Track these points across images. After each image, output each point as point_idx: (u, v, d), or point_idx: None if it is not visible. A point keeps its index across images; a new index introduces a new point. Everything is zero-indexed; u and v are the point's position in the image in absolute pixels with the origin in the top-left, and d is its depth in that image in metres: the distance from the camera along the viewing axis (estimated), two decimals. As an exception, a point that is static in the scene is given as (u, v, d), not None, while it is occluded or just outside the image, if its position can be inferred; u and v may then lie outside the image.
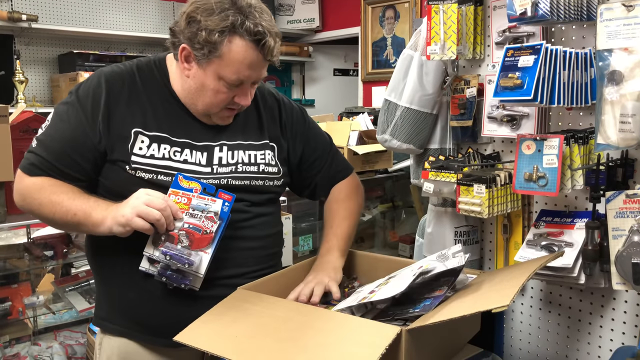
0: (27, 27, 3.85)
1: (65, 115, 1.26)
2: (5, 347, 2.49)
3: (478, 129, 1.53)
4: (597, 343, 1.38)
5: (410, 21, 4.68)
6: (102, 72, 1.30)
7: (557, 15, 1.21)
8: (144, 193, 1.18)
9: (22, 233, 2.65)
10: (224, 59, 1.19)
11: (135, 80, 1.29)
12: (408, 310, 1.10)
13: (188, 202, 1.22)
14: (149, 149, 1.25)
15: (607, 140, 1.14)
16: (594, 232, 1.25)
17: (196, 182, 1.23)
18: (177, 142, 1.28)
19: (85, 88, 1.27)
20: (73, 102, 1.26)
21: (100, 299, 1.39)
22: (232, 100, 1.26)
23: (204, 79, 1.23)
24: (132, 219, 1.14)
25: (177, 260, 1.18)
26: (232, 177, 1.31)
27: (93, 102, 1.25)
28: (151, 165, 1.25)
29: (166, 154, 1.26)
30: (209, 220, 1.21)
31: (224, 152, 1.31)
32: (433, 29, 1.47)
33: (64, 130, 1.25)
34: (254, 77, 1.25)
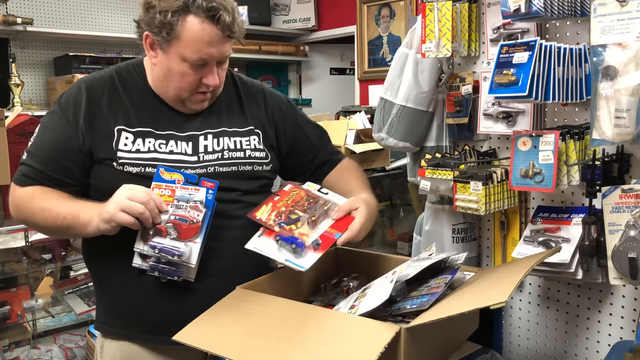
0: (23, 30, 3.84)
1: (50, 123, 1.29)
2: (4, 351, 2.49)
3: (474, 126, 1.53)
4: (595, 338, 1.39)
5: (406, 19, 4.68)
6: (82, 80, 1.33)
7: (551, 12, 1.21)
8: (127, 188, 1.18)
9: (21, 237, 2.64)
10: (182, 39, 1.20)
11: (115, 83, 1.32)
12: (405, 306, 1.10)
13: (172, 193, 1.22)
14: (134, 144, 1.27)
15: (603, 135, 1.14)
16: (591, 227, 1.25)
17: (178, 173, 1.24)
18: (161, 135, 1.29)
19: (67, 96, 1.30)
20: (56, 110, 1.30)
21: (99, 303, 1.39)
22: (200, 82, 1.27)
23: (169, 62, 1.24)
24: (115, 214, 1.15)
25: (167, 252, 1.19)
26: (218, 164, 1.32)
27: (74, 108, 1.27)
28: (137, 159, 1.26)
29: (151, 146, 1.27)
30: (194, 209, 1.21)
31: (209, 140, 1.32)
32: (428, 27, 1.47)
33: (50, 138, 1.28)
34: (217, 55, 1.24)
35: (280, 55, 5.30)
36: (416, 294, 1.15)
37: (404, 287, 1.16)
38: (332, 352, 0.97)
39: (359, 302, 1.18)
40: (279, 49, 5.26)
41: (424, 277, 1.20)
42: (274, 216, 1.29)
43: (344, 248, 1.47)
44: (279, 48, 5.26)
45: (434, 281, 1.18)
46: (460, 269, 1.23)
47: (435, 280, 1.18)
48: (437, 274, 1.20)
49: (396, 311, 1.11)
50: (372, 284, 1.25)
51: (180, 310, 1.22)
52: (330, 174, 1.52)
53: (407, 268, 1.19)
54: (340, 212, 1.29)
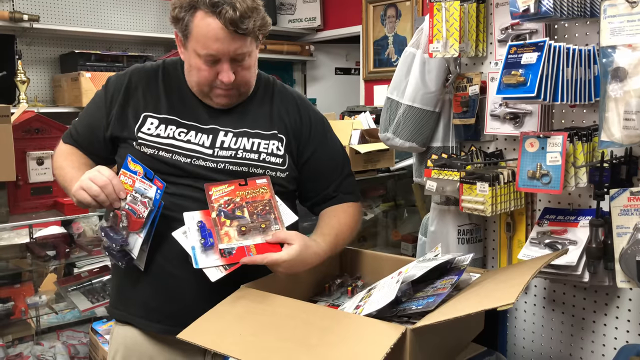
0: (29, 27, 3.85)
1: (94, 98, 1.45)
2: (8, 347, 2.49)
3: (481, 126, 1.52)
4: (601, 341, 1.38)
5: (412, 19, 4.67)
6: (133, 67, 1.44)
7: (561, 12, 1.21)
8: (95, 169, 1.25)
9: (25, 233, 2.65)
10: (194, 35, 1.25)
11: (158, 74, 1.40)
12: (411, 307, 1.10)
13: (133, 184, 1.27)
14: (156, 129, 1.35)
15: (611, 137, 1.13)
16: (598, 229, 1.24)
17: (140, 166, 1.27)
18: (184, 124, 1.35)
19: (115, 78, 1.42)
20: (103, 88, 1.43)
21: (113, 287, 1.49)
22: (216, 78, 1.29)
23: (189, 58, 1.31)
24: (77, 191, 1.23)
25: (108, 238, 1.24)
26: (230, 162, 1.33)
27: (114, 91, 1.39)
28: (154, 142, 1.33)
29: (171, 133, 1.34)
30: (143, 205, 1.25)
31: (228, 137, 1.35)
32: (435, 27, 1.47)
33: (88, 112, 1.45)
34: (225, 51, 1.24)
35: (285, 54, 5.29)
36: (422, 295, 1.14)
37: (409, 287, 1.16)
38: (338, 352, 0.96)
39: (364, 302, 1.18)
40: (284, 48, 5.25)
41: (429, 278, 1.19)
42: (223, 201, 1.26)
43: (348, 248, 1.47)
44: (284, 47, 5.26)
45: (439, 282, 1.17)
46: (467, 271, 1.23)
47: (441, 281, 1.17)
48: (443, 274, 1.20)
49: (402, 312, 1.11)
50: (377, 284, 1.24)
51: (186, 300, 1.28)
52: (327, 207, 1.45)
53: (412, 269, 1.18)
54: (273, 237, 1.22)
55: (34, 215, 2.28)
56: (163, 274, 1.31)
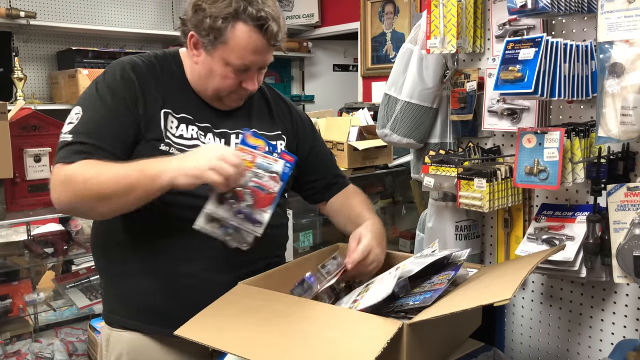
0: (26, 24, 3.84)
1: (100, 102, 1.24)
2: (6, 344, 2.49)
3: (478, 122, 1.52)
4: (598, 337, 1.38)
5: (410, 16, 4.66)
6: (124, 62, 1.31)
7: (558, 8, 1.21)
8: (215, 148, 1.16)
9: (22, 230, 2.65)
10: (228, 44, 1.22)
11: (156, 68, 1.32)
12: (408, 302, 1.10)
13: (253, 159, 1.19)
14: (177, 129, 1.28)
15: (608, 133, 1.13)
16: (595, 225, 1.25)
17: (262, 140, 1.22)
18: (200, 126, 1.32)
19: (112, 76, 1.27)
20: (103, 90, 1.26)
21: (109, 294, 1.38)
22: (239, 85, 1.29)
23: (212, 64, 1.27)
24: (205, 172, 1.10)
25: (248, 218, 1.14)
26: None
27: (126, 87, 1.25)
28: (181, 145, 1.27)
29: (194, 134, 1.30)
30: (272, 180, 1.19)
31: (239, 140, 1.34)
32: (433, 23, 1.47)
33: (104, 114, 1.23)
34: (259, 62, 1.28)
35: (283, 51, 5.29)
36: (419, 291, 1.15)
37: (406, 283, 1.16)
38: (335, 347, 0.97)
39: (362, 297, 1.18)
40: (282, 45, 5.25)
41: (426, 273, 1.19)
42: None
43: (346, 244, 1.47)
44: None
45: (436, 277, 1.17)
46: (464, 266, 1.23)
47: (438, 277, 1.17)
48: (440, 270, 1.20)
49: (398, 307, 1.11)
50: (375, 279, 1.25)
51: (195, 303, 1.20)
52: (336, 197, 1.55)
53: (410, 264, 1.18)
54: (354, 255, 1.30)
55: (32, 212, 2.28)
56: (173, 276, 1.28)
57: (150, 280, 1.29)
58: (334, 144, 2.99)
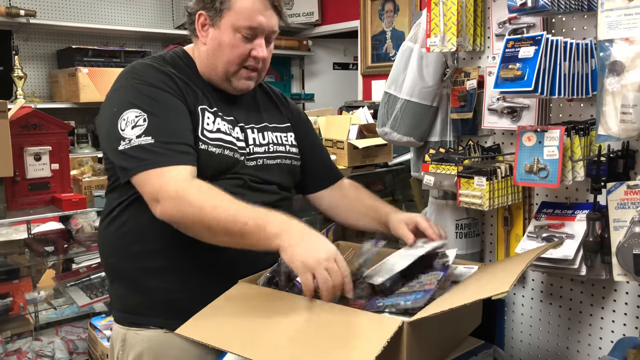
0: (26, 22, 3.84)
1: (152, 99, 1.21)
2: (7, 343, 2.50)
3: (478, 121, 1.52)
4: (598, 334, 1.38)
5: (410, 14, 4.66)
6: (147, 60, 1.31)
7: (558, 6, 1.21)
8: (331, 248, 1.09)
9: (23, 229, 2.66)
10: (234, 9, 1.27)
11: (179, 64, 1.34)
12: (398, 302, 1.10)
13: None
14: (214, 124, 1.29)
15: (608, 131, 1.13)
16: (595, 223, 1.25)
17: None
18: (228, 120, 1.34)
19: (149, 73, 1.26)
20: (148, 88, 1.23)
21: (128, 292, 1.34)
22: (248, 55, 1.31)
23: (220, 36, 1.29)
24: (319, 269, 1.06)
25: None
26: (266, 157, 1.38)
27: (170, 82, 1.26)
28: (220, 140, 1.28)
29: (227, 129, 1.32)
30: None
31: (255, 134, 1.38)
32: (433, 21, 1.47)
33: (173, 115, 1.21)
34: (266, 25, 1.30)
35: (283, 49, 5.28)
36: (407, 290, 1.15)
37: (398, 277, 1.17)
38: (336, 345, 0.97)
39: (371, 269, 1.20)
40: (282, 43, 5.24)
41: (413, 270, 1.20)
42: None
43: (349, 243, 1.47)
44: (282, 42, 5.25)
45: (425, 277, 1.18)
46: (464, 265, 1.23)
47: (427, 276, 1.18)
48: (427, 268, 1.20)
49: (390, 307, 1.11)
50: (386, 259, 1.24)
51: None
52: (332, 188, 1.57)
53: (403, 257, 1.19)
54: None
55: (32, 211, 2.28)
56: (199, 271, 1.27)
57: (177, 276, 1.28)
58: (333, 143, 2.99)
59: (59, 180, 2.35)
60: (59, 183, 2.35)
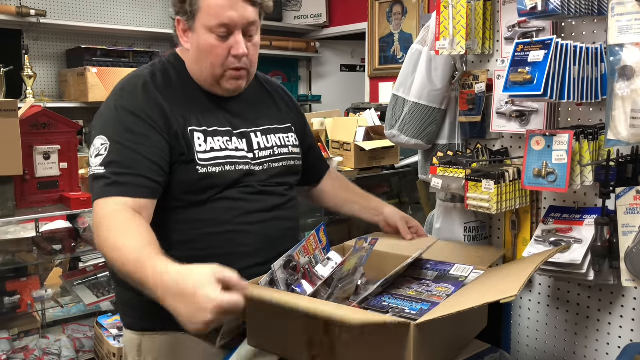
0: (36, 22, 3.86)
1: (125, 126, 1.20)
2: (14, 340, 2.51)
3: (487, 124, 1.52)
4: (605, 340, 1.38)
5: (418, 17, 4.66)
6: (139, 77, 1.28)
7: (568, 10, 1.20)
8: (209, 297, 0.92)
9: (31, 227, 2.67)
10: (203, 9, 1.22)
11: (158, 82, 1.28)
12: (404, 307, 1.10)
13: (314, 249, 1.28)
14: (206, 143, 1.26)
15: (618, 136, 1.13)
16: (604, 228, 1.24)
17: (326, 239, 1.32)
18: (223, 132, 1.31)
19: (132, 95, 1.23)
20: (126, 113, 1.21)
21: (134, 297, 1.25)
22: (229, 55, 1.25)
23: (198, 39, 1.25)
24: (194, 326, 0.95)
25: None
26: (272, 160, 1.38)
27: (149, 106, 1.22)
28: (216, 158, 1.26)
29: (222, 144, 1.29)
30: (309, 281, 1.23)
31: (259, 137, 1.37)
32: (442, 24, 1.47)
33: (140, 141, 1.18)
34: (238, 19, 1.23)
35: (290, 51, 5.29)
36: (415, 296, 1.15)
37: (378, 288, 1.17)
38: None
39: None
40: (289, 45, 5.26)
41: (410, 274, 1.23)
42: None
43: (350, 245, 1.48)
44: (289, 44, 5.26)
45: (435, 288, 1.18)
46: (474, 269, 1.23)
47: (437, 287, 1.19)
48: (441, 279, 1.21)
49: (394, 310, 1.11)
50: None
51: None
52: (325, 179, 1.63)
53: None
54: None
55: (40, 209, 2.30)
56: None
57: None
58: (340, 144, 2.99)
59: (68, 179, 2.37)
60: (68, 182, 2.37)
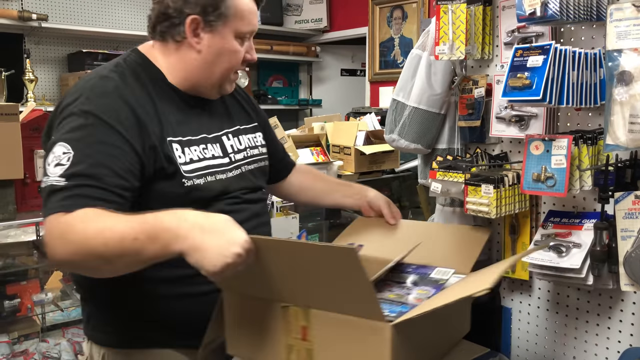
0: (37, 26, 3.88)
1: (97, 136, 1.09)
2: (14, 344, 2.51)
3: (486, 129, 1.53)
4: (604, 345, 1.38)
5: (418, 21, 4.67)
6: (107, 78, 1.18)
7: (567, 16, 1.21)
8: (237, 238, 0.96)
9: (32, 231, 2.67)
10: (237, 14, 1.21)
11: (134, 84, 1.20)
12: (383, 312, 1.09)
13: None
14: (185, 155, 1.19)
15: (616, 140, 1.13)
16: (603, 232, 1.25)
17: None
18: (197, 140, 1.23)
19: (100, 100, 1.13)
20: (93, 119, 1.10)
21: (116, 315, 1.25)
22: (244, 59, 1.27)
23: (222, 42, 1.21)
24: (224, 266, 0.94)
25: None
26: (246, 162, 1.35)
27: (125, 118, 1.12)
28: (198, 170, 1.19)
29: (199, 154, 1.22)
30: None
31: (231, 140, 1.32)
32: (442, 29, 1.47)
33: (104, 150, 1.07)
34: (256, 27, 1.28)
35: (291, 55, 5.31)
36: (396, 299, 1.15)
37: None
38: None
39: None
40: (290, 49, 5.27)
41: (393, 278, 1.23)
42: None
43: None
44: (290, 48, 5.28)
45: (416, 291, 1.19)
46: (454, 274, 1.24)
47: (417, 290, 1.19)
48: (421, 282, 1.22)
49: None
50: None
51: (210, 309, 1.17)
52: (292, 175, 1.62)
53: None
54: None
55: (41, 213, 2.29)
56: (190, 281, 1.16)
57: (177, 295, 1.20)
58: (341, 148, 3.00)
59: (68, 182, 2.37)
60: (68, 186, 2.37)
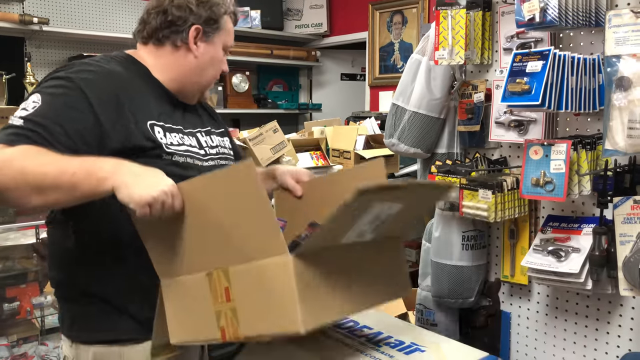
0: (38, 29, 3.88)
1: (66, 100, 1.15)
2: (13, 347, 2.51)
3: (485, 133, 1.53)
4: (603, 349, 1.38)
5: (418, 26, 4.68)
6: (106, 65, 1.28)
7: (566, 21, 1.22)
8: (164, 179, 1.06)
9: (31, 233, 2.67)
10: (226, 29, 1.38)
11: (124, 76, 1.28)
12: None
13: None
14: (166, 138, 1.28)
15: (615, 146, 1.14)
16: (601, 237, 1.25)
17: None
18: (176, 129, 1.33)
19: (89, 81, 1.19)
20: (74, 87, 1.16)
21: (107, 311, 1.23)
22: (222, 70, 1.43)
23: (214, 52, 1.37)
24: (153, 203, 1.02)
25: None
26: (219, 157, 1.39)
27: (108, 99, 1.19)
28: (179, 151, 1.29)
29: (178, 139, 1.31)
30: None
31: (205, 137, 1.40)
32: (441, 34, 1.48)
33: (70, 117, 1.13)
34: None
35: (291, 59, 5.31)
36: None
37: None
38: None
39: None
40: (290, 54, 5.28)
41: None
42: None
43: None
44: (290, 53, 5.28)
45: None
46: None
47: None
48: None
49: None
50: None
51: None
52: None
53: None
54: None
55: (41, 215, 2.30)
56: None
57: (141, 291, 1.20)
58: (340, 153, 3.00)
59: (68, 185, 2.37)
60: (68, 189, 2.37)
